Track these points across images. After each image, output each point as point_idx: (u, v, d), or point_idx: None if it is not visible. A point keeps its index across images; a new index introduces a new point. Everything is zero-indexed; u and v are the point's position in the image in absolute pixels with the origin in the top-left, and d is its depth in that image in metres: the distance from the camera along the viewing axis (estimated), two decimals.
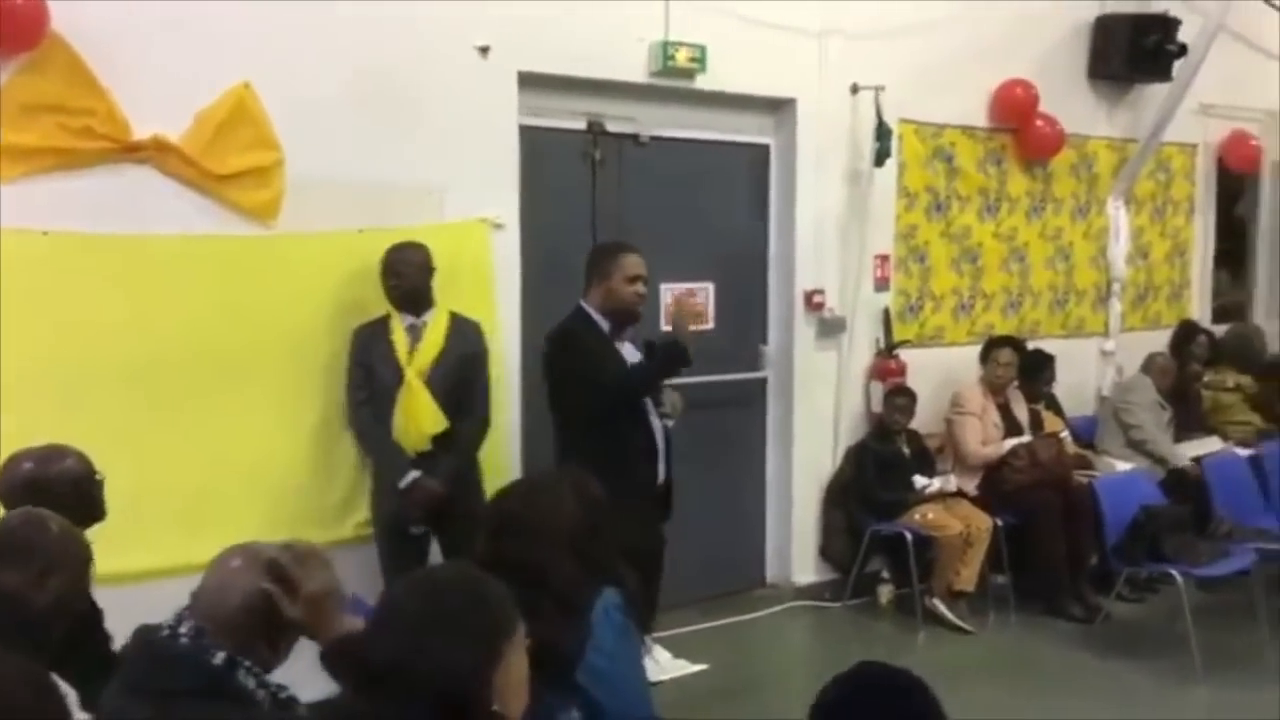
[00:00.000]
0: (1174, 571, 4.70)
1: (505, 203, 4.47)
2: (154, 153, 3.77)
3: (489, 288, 4.44)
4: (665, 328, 4.35)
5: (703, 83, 4.96)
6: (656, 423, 4.16)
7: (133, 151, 3.73)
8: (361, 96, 4.13)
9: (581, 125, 4.86)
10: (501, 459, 4.35)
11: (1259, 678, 4.65)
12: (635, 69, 4.80)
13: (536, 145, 4.67)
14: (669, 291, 5.17)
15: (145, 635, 1.92)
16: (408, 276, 3.94)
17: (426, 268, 4.00)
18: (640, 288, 3.93)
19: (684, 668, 3.11)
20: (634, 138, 5.00)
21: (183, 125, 3.81)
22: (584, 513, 2.60)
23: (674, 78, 4.88)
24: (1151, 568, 4.85)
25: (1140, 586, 5.47)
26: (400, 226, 4.13)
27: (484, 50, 4.35)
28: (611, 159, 4.94)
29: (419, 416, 3.85)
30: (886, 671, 1.64)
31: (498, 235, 4.45)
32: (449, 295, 4.30)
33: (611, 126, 4.92)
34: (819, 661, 5.13)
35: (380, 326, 3.97)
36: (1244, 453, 5.88)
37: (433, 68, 4.27)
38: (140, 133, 3.72)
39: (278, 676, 1.91)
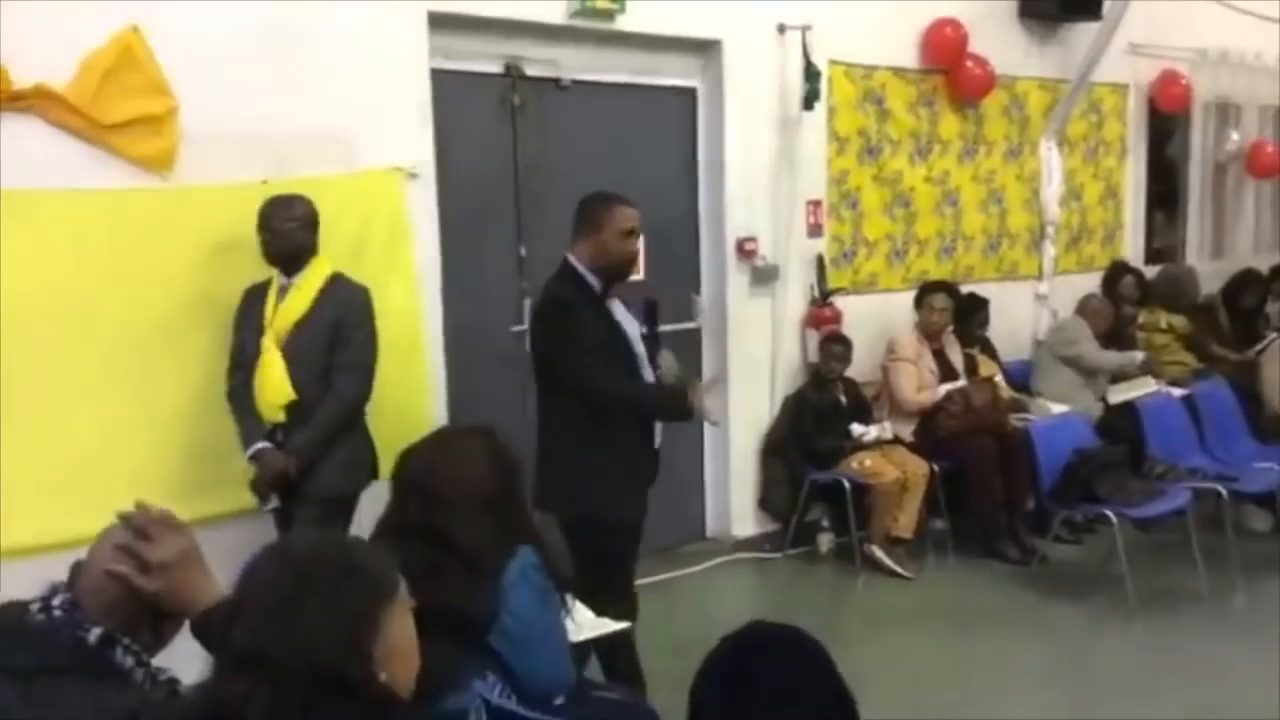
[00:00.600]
0: (1108, 512, 4.68)
1: (419, 151, 4.27)
2: (37, 101, 3.54)
3: (406, 240, 4.25)
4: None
5: (624, 23, 4.78)
6: None
7: (15, 101, 3.50)
8: (262, 40, 3.90)
9: (499, 69, 4.66)
10: (423, 429, 4.17)
11: (1193, 615, 4.69)
12: (554, 10, 4.61)
13: (452, 90, 4.47)
14: None
15: (10, 610, 1.76)
16: (281, 233, 3.59)
17: (306, 223, 3.65)
18: (635, 243, 3.59)
19: (604, 626, 2.99)
20: (555, 81, 4.81)
21: (68, 73, 3.58)
22: (496, 471, 2.48)
23: (594, 18, 4.69)
24: (1086, 509, 4.83)
25: (1077, 528, 5.47)
26: (306, 176, 3.91)
27: None
28: (532, 104, 4.76)
29: (267, 385, 3.56)
30: (776, 630, 1.57)
31: (413, 185, 4.25)
32: (364, 249, 4.13)
33: (531, 70, 4.73)
34: (754, 613, 5.05)
35: (261, 287, 3.70)
36: (1178, 393, 5.88)
37: (337, 8, 4.04)
38: (22, 81, 3.49)
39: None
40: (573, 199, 4.90)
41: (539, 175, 4.81)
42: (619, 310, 3.61)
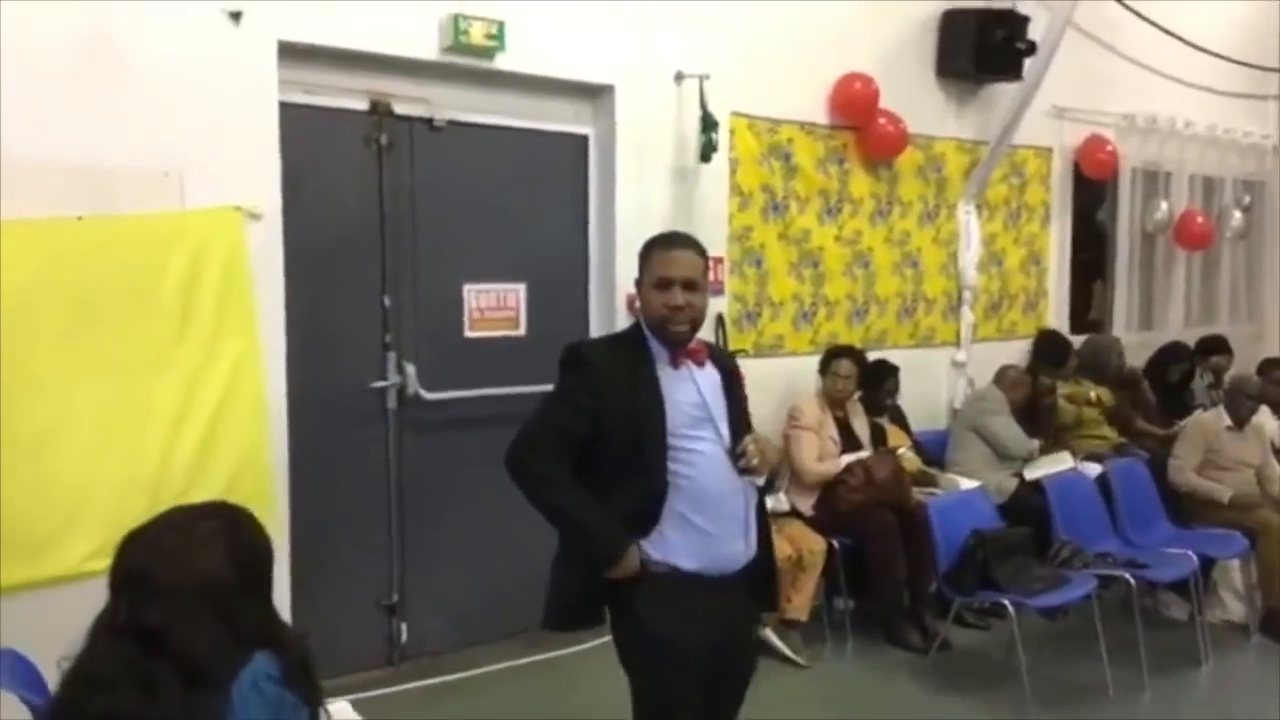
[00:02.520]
0: (1005, 602, 4.36)
1: (263, 190, 3.92)
2: None
3: (245, 287, 3.88)
4: None
5: (503, 63, 4.48)
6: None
7: None
8: (85, 68, 3.58)
9: (364, 105, 4.34)
10: (262, 497, 3.80)
11: (1094, 714, 4.36)
12: (425, 45, 4.31)
13: (308, 126, 4.14)
14: (472, 293, 4.71)
15: None
16: None
17: None
18: (674, 297, 2.66)
19: None
20: (428, 121, 4.50)
21: None
22: (231, 560, 2.09)
23: (469, 55, 4.39)
24: (984, 597, 4.50)
25: (986, 611, 5.14)
26: (130, 213, 3.59)
27: (235, 16, 3.81)
28: (401, 144, 4.44)
29: None
30: None
31: (255, 227, 3.90)
32: (194, 295, 3.78)
33: (400, 108, 4.41)
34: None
35: None
36: (1093, 470, 5.61)
37: (171, 35, 3.72)
38: None
39: None
40: (448, 246, 4.64)
41: (408, 220, 4.48)
42: (706, 378, 2.74)
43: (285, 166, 4.01)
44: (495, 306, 4.77)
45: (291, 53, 4.00)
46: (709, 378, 2.76)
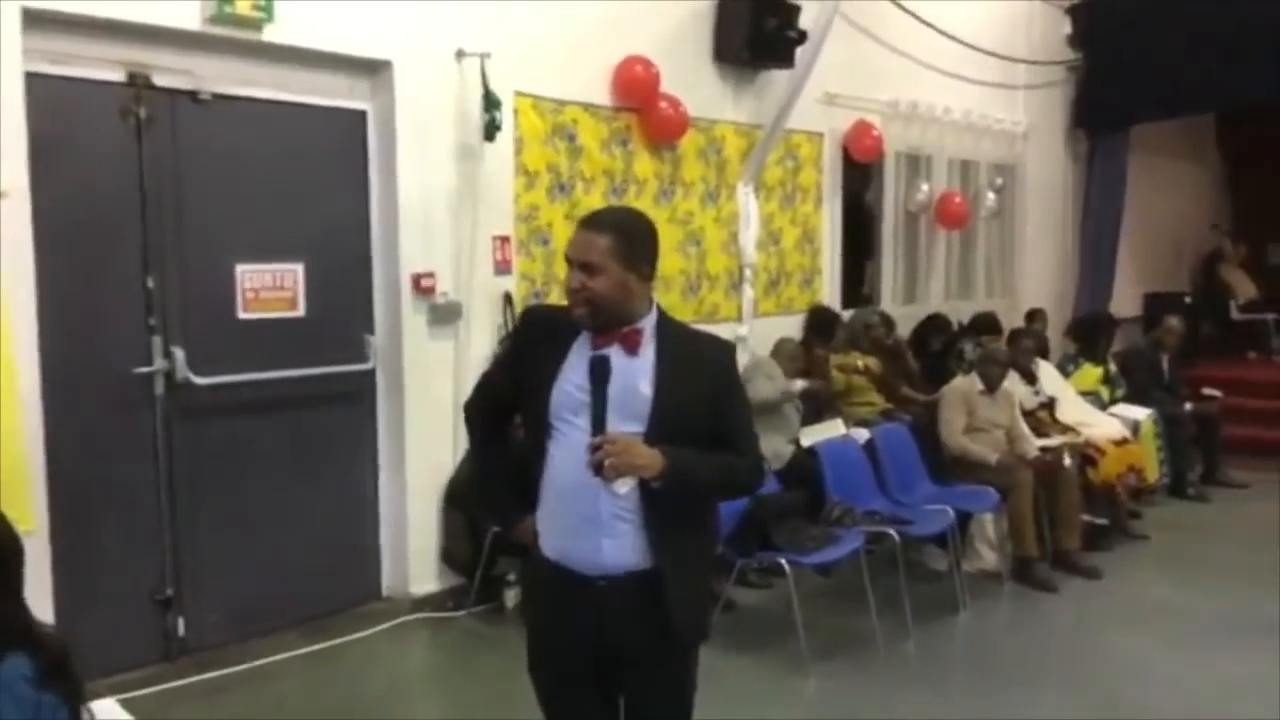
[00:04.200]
0: (782, 560, 4.59)
1: (9, 165, 3.68)
2: None
3: None
4: None
5: (272, 34, 4.35)
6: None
7: None
8: None
9: (121, 76, 4.12)
10: (14, 488, 3.56)
11: (865, 664, 4.65)
12: (186, 14, 4.12)
13: (58, 99, 3.91)
14: (245, 273, 4.56)
15: None
16: None
17: None
18: (575, 278, 2.40)
19: None
20: (192, 94, 4.31)
21: None
22: None
23: (235, 27, 4.23)
24: (762, 557, 4.73)
25: (769, 572, 5.39)
26: None
27: None
28: (163, 118, 4.23)
29: None
30: None
31: (1, 204, 3.64)
32: None
33: (161, 80, 4.21)
34: (425, 681, 4.69)
35: None
36: (863, 435, 5.95)
37: None
38: None
39: None
40: (217, 225, 4.46)
41: (172, 198, 4.29)
42: (618, 360, 2.39)
43: (34, 141, 3.77)
44: (271, 286, 4.63)
45: (38, 20, 3.76)
46: (632, 365, 2.39)
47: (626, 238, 2.41)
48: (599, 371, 2.36)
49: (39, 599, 2.03)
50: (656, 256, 2.47)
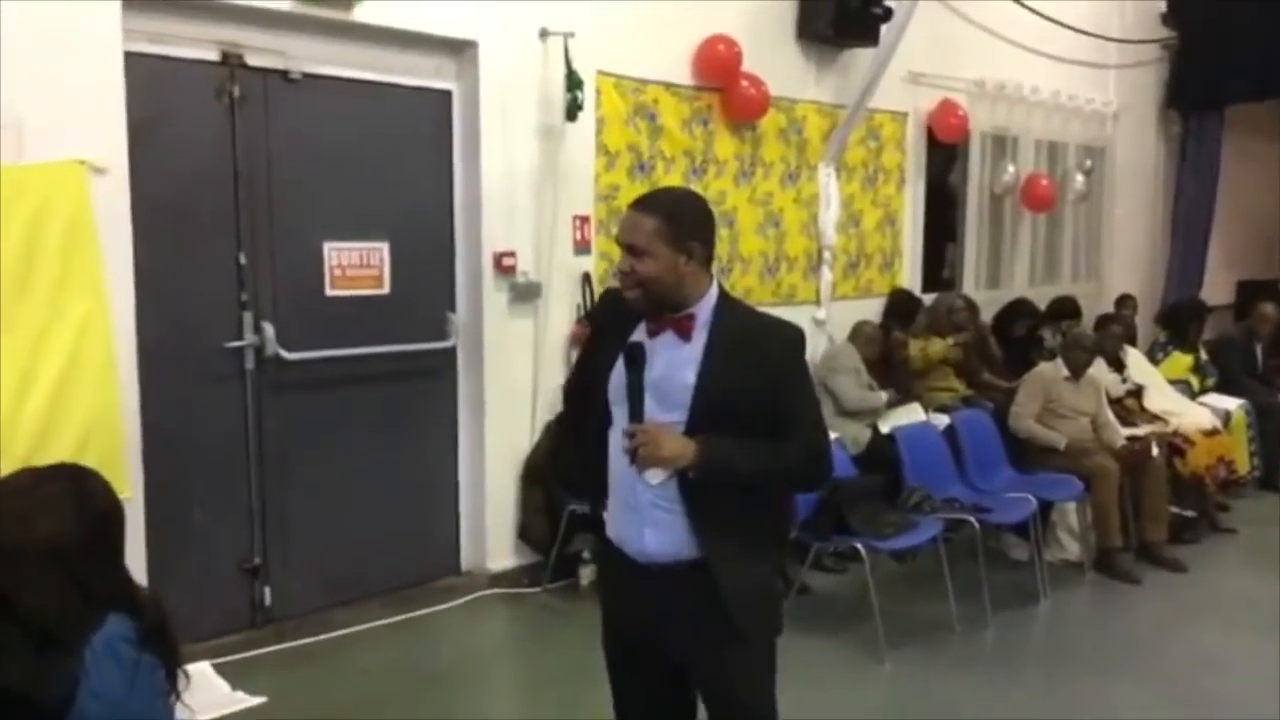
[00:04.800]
0: (859, 545, 4.56)
1: (108, 143, 3.78)
2: None
3: (90, 244, 3.74)
4: None
5: (361, 14, 4.40)
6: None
7: None
8: None
9: (215, 56, 4.21)
10: (113, 460, 3.68)
11: (943, 651, 4.61)
12: None
13: (156, 77, 4.01)
14: (333, 251, 4.64)
15: None
16: None
17: None
18: (624, 261, 2.35)
19: (240, 701, 2.59)
20: (283, 74, 4.39)
21: None
22: (79, 521, 2.05)
23: (326, 6, 4.30)
24: (838, 541, 4.71)
25: (844, 557, 5.37)
26: None
27: None
28: (255, 97, 4.32)
29: None
30: None
31: (100, 181, 3.76)
32: (36, 252, 3.63)
33: (253, 60, 4.29)
34: (500, 654, 4.76)
35: None
36: (942, 421, 5.88)
37: None
38: None
39: None
40: (307, 203, 4.55)
41: (264, 176, 4.38)
42: (666, 346, 2.36)
43: (132, 119, 3.87)
44: (358, 265, 4.71)
45: (137, 1, 3.85)
46: (681, 352, 2.33)
47: (674, 219, 2.32)
48: (633, 358, 2.30)
49: (134, 564, 2.10)
50: (713, 238, 2.40)
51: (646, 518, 2.37)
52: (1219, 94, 9.02)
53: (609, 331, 2.44)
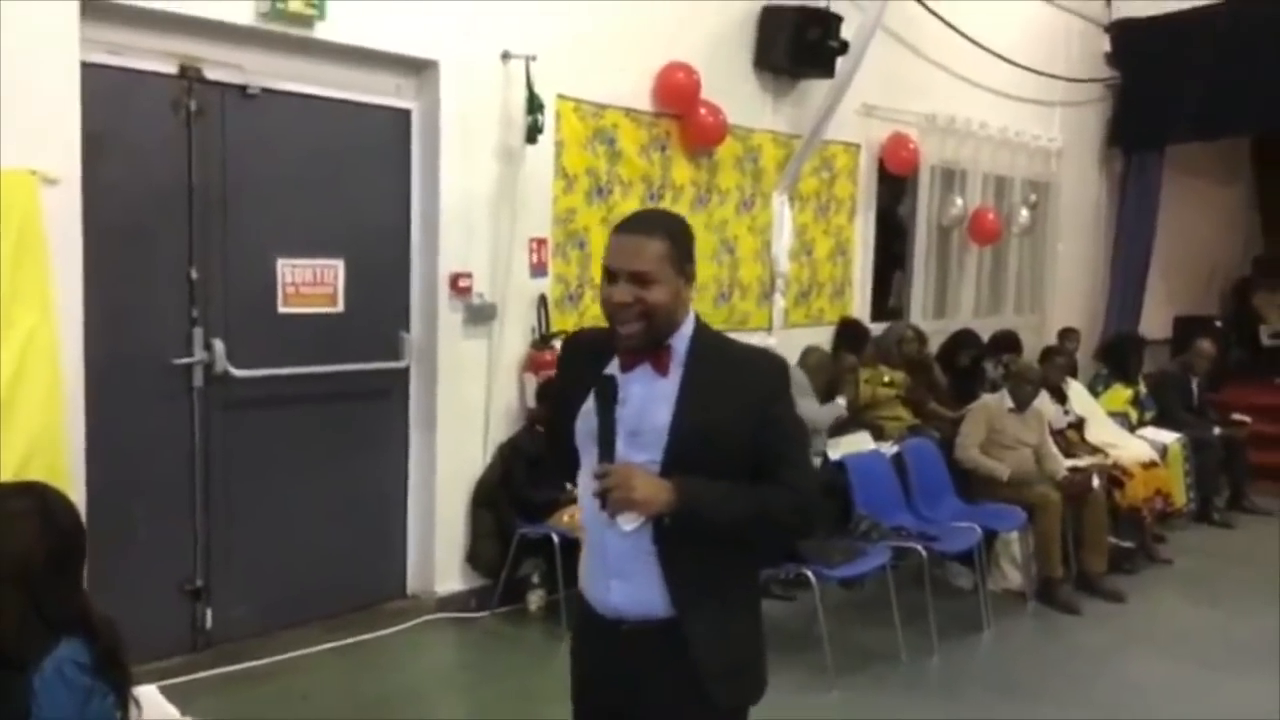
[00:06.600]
0: (808, 572, 4.59)
1: (62, 153, 3.72)
2: None
3: (39, 255, 3.66)
4: None
5: (322, 31, 4.37)
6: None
7: None
8: None
9: (173, 69, 4.15)
10: (57, 477, 3.57)
11: (888, 679, 4.66)
12: (241, 9, 4.16)
13: (112, 89, 3.95)
14: (286, 268, 4.59)
15: None
16: None
17: None
18: (615, 292, 2.08)
19: None
20: (241, 88, 4.34)
21: None
22: (40, 542, 2.02)
23: (287, 23, 4.26)
24: (788, 568, 4.73)
25: (793, 584, 5.39)
26: None
27: None
28: (212, 111, 4.27)
29: None
30: None
31: (51, 192, 3.68)
32: None
33: (211, 73, 4.24)
34: (445, 679, 4.70)
35: None
36: (890, 449, 5.94)
37: None
38: None
39: None
40: (261, 219, 4.49)
41: (219, 191, 4.32)
42: (638, 383, 2.12)
43: (87, 130, 3.81)
44: (312, 282, 4.66)
45: (96, 10, 3.80)
46: (657, 387, 2.11)
47: (678, 241, 2.12)
48: (604, 393, 2.06)
49: None
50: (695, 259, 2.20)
51: (613, 569, 2.13)
52: (1160, 133, 9.28)
53: (578, 375, 2.18)
